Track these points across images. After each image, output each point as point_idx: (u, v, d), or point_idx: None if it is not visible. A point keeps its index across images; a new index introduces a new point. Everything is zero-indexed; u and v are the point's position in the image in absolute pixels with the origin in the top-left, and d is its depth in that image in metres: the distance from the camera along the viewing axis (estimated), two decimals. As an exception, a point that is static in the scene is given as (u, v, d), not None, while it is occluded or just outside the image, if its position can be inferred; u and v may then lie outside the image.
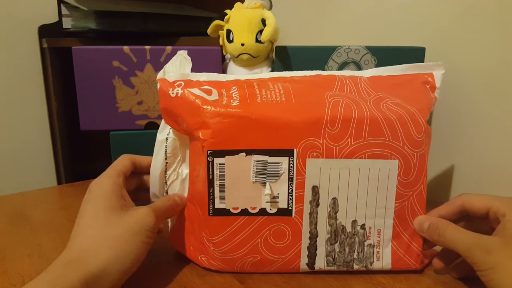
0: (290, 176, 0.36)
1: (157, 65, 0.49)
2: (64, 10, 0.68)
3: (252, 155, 0.35)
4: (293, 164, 0.35)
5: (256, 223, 0.36)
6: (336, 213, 0.36)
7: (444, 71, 0.40)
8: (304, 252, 0.37)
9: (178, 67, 0.39)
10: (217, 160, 0.35)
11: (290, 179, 0.36)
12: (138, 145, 0.47)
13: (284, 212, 0.36)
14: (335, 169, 0.36)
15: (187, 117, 0.36)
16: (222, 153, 0.35)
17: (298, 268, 0.37)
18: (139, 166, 0.40)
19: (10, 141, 0.82)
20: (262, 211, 0.36)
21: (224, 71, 0.52)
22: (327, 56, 0.48)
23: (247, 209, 0.36)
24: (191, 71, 0.39)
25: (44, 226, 0.48)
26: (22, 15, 0.79)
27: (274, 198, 0.36)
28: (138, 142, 0.50)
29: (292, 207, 0.36)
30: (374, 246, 0.37)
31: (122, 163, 0.38)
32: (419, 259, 0.38)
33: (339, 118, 0.35)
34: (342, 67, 0.49)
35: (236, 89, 0.37)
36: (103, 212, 0.34)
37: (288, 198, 0.36)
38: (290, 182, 0.36)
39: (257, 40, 0.47)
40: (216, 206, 0.36)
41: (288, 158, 0.35)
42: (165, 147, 0.38)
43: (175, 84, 0.37)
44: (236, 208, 0.36)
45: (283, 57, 0.49)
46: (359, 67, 0.49)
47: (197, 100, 0.36)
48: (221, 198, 0.36)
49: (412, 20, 0.55)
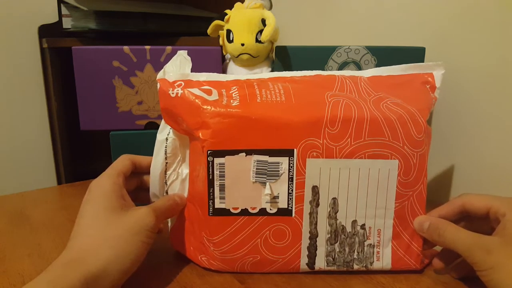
0: (290, 176, 0.36)
1: (157, 65, 0.49)
2: (64, 10, 0.68)
3: (252, 155, 0.35)
4: (293, 164, 0.35)
5: (256, 223, 0.36)
6: (336, 213, 0.36)
7: (444, 71, 0.40)
8: (304, 252, 0.37)
9: (178, 67, 0.39)
10: (217, 160, 0.35)
11: (290, 179, 0.36)
12: (138, 145, 0.47)
13: (284, 212, 0.36)
14: (335, 169, 0.36)
15: (187, 117, 0.36)
16: (222, 153, 0.35)
17: (298, 268, 0.37)
18: (139, 166, 0.40)
19: (10, 141, 0.82)
20: (262, 211, 0.36)
21: (224, 71, 0.52)
22: (327, 56, 0.48)
23: (247, 209, 0.36)
24: (191, 71, 0.39)
25: (44, 226, 0.48)
26: (22, 15, 0.79)
27: (274, 198, 0.36)
28: (138, 142, 0.49)
29: (292, 207, 0.36)
30: (374, 246, 0.37)
31: (122, 163, 0.38)
32: (419, 259, 0.38)
33: (339, 118, 0.35)
34: (342, 67, 0.49)
35: (236, 89, 0.37)
36: (103, 212, 0.34)
37: (288, 198, 0.36)
38: (290, 182, 0.36)
39: (257, 40, 0.47)
40: (216, 206, 0.36)
41: (288, 158, 0.35)
42: (165, 147, 0.38)
43: (175, 84, 0.37)
44: (236, 208, 0.36)
45: (283, 57, 0.49)
46: (359, 67, 0.49)
47: (197, 100, 0.36)
48: (221, 198, 0.36)
49: (412, 20, 0.55)
